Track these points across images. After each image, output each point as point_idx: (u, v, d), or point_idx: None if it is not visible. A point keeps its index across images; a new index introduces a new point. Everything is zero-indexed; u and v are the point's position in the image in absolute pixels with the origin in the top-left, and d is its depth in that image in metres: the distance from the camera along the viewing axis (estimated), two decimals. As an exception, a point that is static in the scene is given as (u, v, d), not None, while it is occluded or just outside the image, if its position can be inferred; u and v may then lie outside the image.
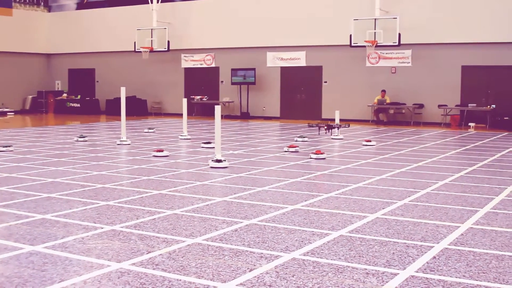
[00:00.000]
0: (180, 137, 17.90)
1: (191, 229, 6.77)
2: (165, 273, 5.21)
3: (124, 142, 16.34)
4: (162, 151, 13.75)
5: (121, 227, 6.87)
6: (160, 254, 5.77)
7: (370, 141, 16.69)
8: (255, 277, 5.13)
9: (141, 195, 8.89)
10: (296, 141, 17.20)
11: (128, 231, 6.69)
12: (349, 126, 18.47)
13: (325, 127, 17.17)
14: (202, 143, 15.69)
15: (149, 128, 20.81)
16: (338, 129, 17.38)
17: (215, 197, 8.70)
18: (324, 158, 13.69)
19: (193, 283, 4.98)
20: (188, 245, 6.13)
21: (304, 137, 17.58)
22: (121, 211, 7.71)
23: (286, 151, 14.79)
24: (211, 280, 5.05)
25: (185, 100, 18.52)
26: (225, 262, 5.56)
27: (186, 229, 6.80)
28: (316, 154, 13.75)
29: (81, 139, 17.03)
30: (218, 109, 12.13)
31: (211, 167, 11.76)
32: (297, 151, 14.74)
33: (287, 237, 6.47)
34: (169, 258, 5.67)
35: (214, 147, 14.36)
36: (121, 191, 9.23)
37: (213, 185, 9.84)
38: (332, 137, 18.01)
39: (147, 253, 5.81)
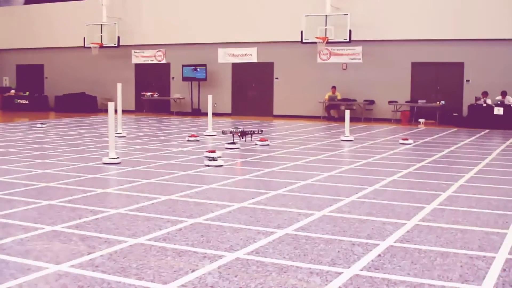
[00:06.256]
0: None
1: (134, 229, 6.62)
2: (104, 275, 5.06)
3: (119, 135, 17.13)
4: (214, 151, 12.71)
5: (62, 227, 6.68)
6: (101, 255, 5.62)
7: (407, 139, 16.13)
8: (197, 278, 5.02)
9: (86, 194, 8.70)
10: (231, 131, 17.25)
11: (69, 231, 6.51)
12: (262, 132, 17.68)
13: (239, 134, 16.53)
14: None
15: (42, 123, 20.71)
16: (251, 135, 16.60)
17: (161, 196, 8.55)
18: (268, 145, 14.72)
19: (133, 285, 4.85)
20: (130, 245, 5.99)
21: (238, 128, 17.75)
22: (63, 211, 7.51)
23: (188, 141, 15.93)
24: (151, 281, 4.92)
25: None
26: (167, 262, 5.44)
27: (129, 229, 6.65)
28: (260, 141, 15.20)
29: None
30: (111, 106, 12.17)
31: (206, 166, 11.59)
32: (198, 140, 15.82)
33: (232, 236, 6.37)
34: (109, 259, 5.52)
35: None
36: (65, 190, 9.02)
37: (160, 183, 9.68)
38: (342, 138, 16.88)
39: (87, 254, 5.65)
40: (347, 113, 17.34)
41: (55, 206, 7.82)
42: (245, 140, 15.99)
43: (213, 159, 11.66)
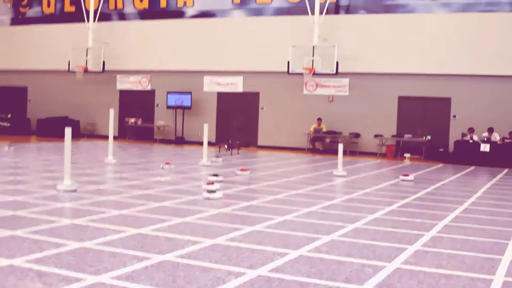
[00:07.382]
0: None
1: (97, 266, 6.19)
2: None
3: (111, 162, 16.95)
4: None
5: (21, 261, 6.24)
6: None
7: (407, 175, 15.71)
8: (156, 324, 4.61)
9: (52, 224, 8.25)
10: (212, 161, 17.67)
11: (27, 266, 6.08)
12: (248, 146, 17.91)
13: (226, 147, 16.79)
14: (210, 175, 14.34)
15: (9, 146, 20.69)
16: (238, 149, 16.56)
17: (130, 228, 8.12)
18: (248, 174, 14.92)
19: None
20: (89, 284, 5.55)
21: (219, 157, 18.29)
22: (24, 243, 7.07)
23: (162, 168, 15.99)
24: (106, 327, 4.51)
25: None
26: (126, 305, 5.02)
27: (92, 265, 6.21)
28: (241, 171, 15.24)
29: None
30: (68, 131, 11.92)
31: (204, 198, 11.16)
32: (171, 168, 15.96)
33: (201, 276, 5.95)
34: (64, 300, 5.09)
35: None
36: (30, 219, 8.56)
37: (132, 215, 9.24)
38: (335, 173, 16.19)
39: (41, 294, 5.23)
40: (341, 146, 16.71)
41: (17, 237, 7.37)
42: (231, 154, 15.92)
43: (212, 191, 11.23)
